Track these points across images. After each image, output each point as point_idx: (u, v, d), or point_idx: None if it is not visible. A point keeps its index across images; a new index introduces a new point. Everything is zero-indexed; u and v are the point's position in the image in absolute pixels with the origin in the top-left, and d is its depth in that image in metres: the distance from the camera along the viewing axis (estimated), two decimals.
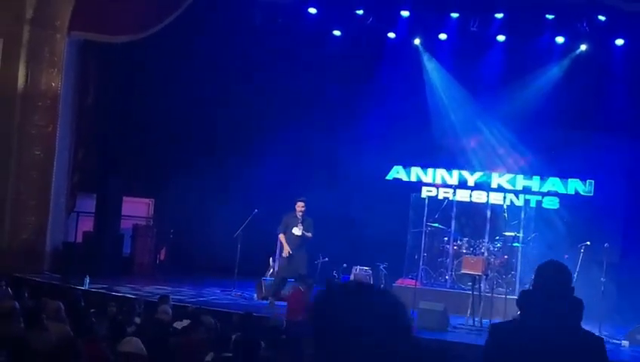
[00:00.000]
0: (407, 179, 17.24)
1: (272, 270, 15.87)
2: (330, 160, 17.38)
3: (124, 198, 17.88)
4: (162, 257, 19.49)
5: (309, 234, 14.48)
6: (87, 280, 14.32)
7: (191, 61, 18.08)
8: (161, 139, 18.80)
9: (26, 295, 10.62)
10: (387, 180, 17.42)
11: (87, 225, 17.78)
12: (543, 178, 16.73)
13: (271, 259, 15.97)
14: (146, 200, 20.04)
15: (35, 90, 16.04)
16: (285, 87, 18.20)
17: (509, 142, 17.57)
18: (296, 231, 14.38)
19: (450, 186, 16.69)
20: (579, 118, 16.56)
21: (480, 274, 14.07)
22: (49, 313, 8.27)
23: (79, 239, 17.56)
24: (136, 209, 19.49)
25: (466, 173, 16.93)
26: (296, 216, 14.48)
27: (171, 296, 11.90)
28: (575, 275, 14.67)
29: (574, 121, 16.52)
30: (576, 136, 16.24)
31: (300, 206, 14.45)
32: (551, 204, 16.52)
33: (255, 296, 15.48)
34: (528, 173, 16.89)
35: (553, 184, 16.59)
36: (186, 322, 9.39)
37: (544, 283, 4.39)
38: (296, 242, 14.46)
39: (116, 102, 18.24)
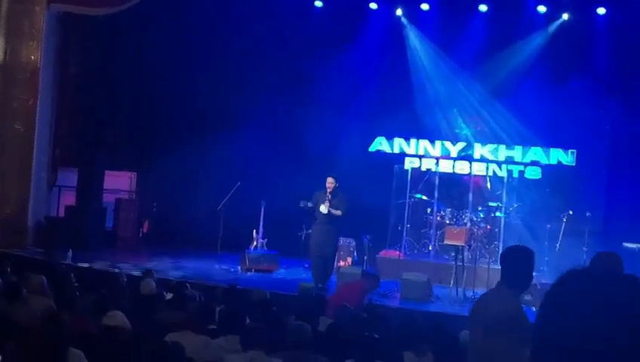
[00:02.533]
0: (390, 151, 17.19)
1: (255, 242, 15.87)
2: (312, 132, 17.30)
3: (107, 172, 17.79)
4: (145, 230, 19.43)
5: (338, 212, 13.73)
6: (70, 254, 14.27)
7: (173, 34, 17.91)
8: (143, 113, 18.68)
9: (9, 270, 10.57)
10: (370, 152, 17.37)
11: (69, 199, 17.70)
12: (526, 148, 16.73)
13: (254, 231, 15.96)
14: (129, 173, 19.93)
15: (15, 63, 15.84)
16: (267, 59, 18.07)
17: (492, 111, 17.58)
18: (323, 208, 13.72)
19: (433, 157, 16.69)
20: (561, 88, 16.56)
21: (463, 244, 14.12)
22: (32, 287, 8.24)
23: (61, 213, 17.47)
24: (119, 182, 19.39)
25: (448, 144, 16.91)
26: (325, 193, 13.82)
27: (155, 270, 11.88)
28: (557, 244, 14.84)
29: (556, 91, 16.53)
30: (558, 106, 16.26)
31: (329, 182, 13.76)
32: (533, 173, 16.55)
33: (239, 268, 15.51)
34: (511, 143, 16.90)
35: (535, 154, 16.61)
36: (169, 295, 9.38)
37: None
38: (323, 219, 13.86)
39: (98, 76, 18.08)
